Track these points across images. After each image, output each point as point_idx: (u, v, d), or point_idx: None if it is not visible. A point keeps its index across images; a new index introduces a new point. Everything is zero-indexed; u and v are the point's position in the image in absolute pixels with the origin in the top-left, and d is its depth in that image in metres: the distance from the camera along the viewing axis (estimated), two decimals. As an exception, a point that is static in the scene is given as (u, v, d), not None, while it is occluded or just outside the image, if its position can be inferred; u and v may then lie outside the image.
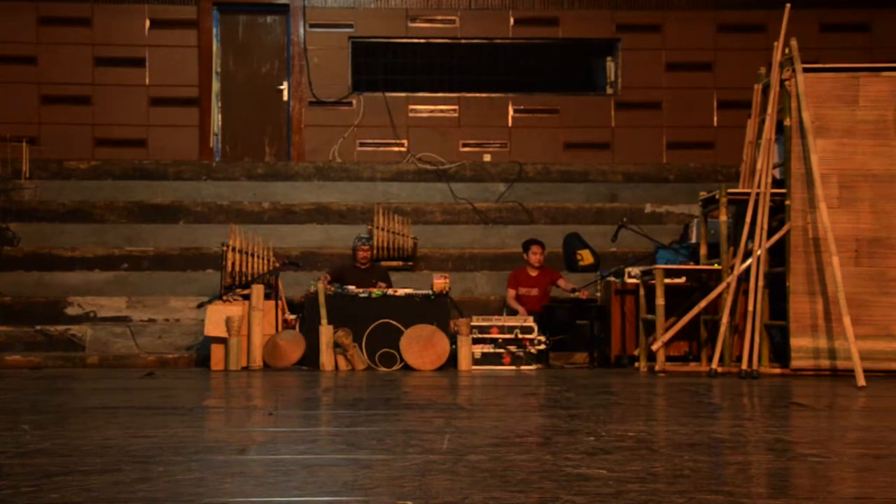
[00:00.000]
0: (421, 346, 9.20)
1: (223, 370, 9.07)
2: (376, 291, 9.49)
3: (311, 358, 9.25)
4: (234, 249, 9.72)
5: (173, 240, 11.73)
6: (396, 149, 13.50)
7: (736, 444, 4.10)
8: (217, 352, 9.21)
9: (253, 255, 9.81)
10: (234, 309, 9.28)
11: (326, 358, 9.14)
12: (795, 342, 8.27)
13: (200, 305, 9.79)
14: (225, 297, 9.46)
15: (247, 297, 9.43)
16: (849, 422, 5.17)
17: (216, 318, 9.20)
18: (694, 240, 10.25)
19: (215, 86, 13.55)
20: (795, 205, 8.41)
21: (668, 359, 8.86)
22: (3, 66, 13.24)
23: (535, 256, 10.31)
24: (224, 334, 9.15)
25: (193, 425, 4.76)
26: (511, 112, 13.65)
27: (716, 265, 8.87)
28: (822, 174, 8.27)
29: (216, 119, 13.58)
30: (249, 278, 9.70)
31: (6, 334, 10.01)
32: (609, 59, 13.88)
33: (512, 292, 10.30)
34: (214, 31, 13.55)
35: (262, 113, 13.67)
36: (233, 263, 9.68)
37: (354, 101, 13.58)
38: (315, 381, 7.92)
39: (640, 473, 3.31)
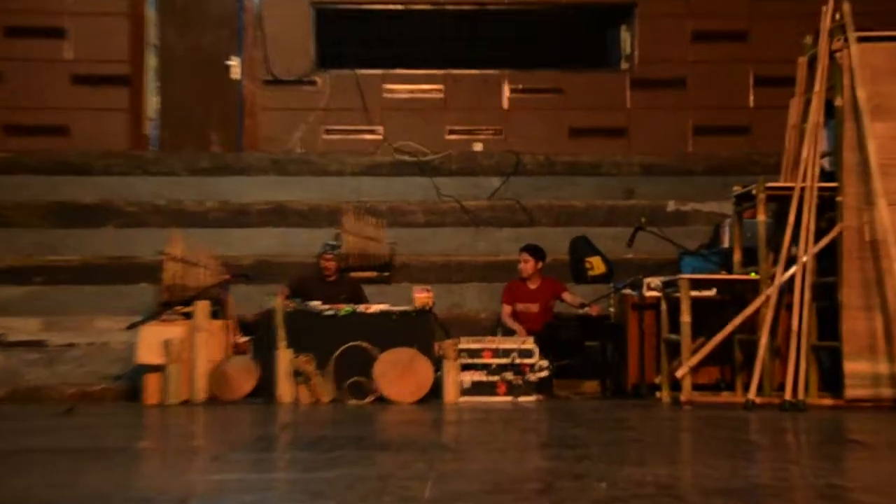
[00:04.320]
0: (398, 374, 9.17)
1: (159, 404, 9.03)
2: (345, 308, 9.46)
3: (266, 389, 9.20)
4: (173, 259, 9.67)
5: (100, 247, 11.67)
6: (370, 137, 13.47)
7: (779, 490, 4.08)
8: (152, 382, 9.16)
9: (197, 266, 9.76)
10: (174, 330, 9.23)
11: (285, 388, 9.11)
12: (850, 367, 8.26)
13: (132, 326, 9.73)
14: (162, 317, 9.41)
15: (189, 316, 9.38)
16: (915, 462, 5.16)
17: (151, 342, 9.16)
18: (726, 244, 10.23)
19: (151, 61, 13.50)
20: (849, 201, 8.40)
21: (696, 387, 8.84)
22: None
23: (521, 265, 10.31)
24: (161, 361, 9.11)
25: (123, 471, 4.72)
26: (507, 92, 13.64)
27: (752, 274, 8.86)
28: (881, 164, 8.27)
29: (152, 101, 13.53)
30: (192, 293, 9.66)
31: None
32: (624, 27, 13.89)
33: (508, 308, 10.28)
34: (149, -5, 13.54)
35: (207, 94, 13.64)
36: (172, 275, 9.63)
37: (319, 80, 13.55)
38: (271, 416, 7.89)
39: (664, 527, 3.28)
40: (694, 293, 8.82)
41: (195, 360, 9.24)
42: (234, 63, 13.60)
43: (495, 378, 9.37)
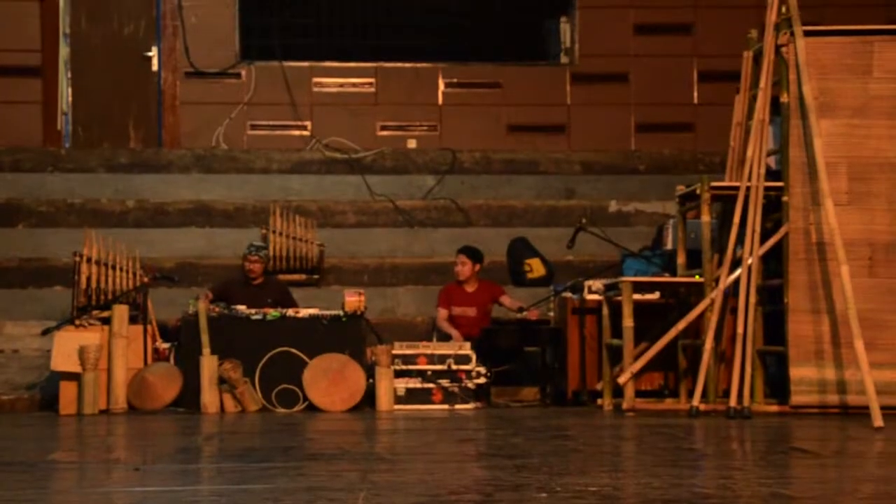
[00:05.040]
0: (329, 382, 9.17)
1: (76, 414, 8.95)
2: (273, 313, 9.44)
3: (189, 397, 9.17)
4: (89, 260, 9.59)
5: (10, 248, 11.54)
6: (297, 132, 13.43)
7: (723, 500, 4.13)
8: (68, 391, 9.08)
9: (114, 268, 9.68)
10: (91, 336, 9.16)
11: (209, 397, 9.08)
12: (796, 372, 8.36)
13: (46, 332, 9.66)
14: (78, 322, 9.34)
15: (107, 321, 9.32)
16: (863, 471, 5.25)
17: (67, 349, 9.08)
18: (669, 245, 10.32)
19: (63, 51, 13.36)
20: (795, 201, 8.51)
21: (639, 394, 8.91)
22: None
23: (458, 268, 10.34)
24: (77, 369, 9.03)
25: (37, 486, 4.69)
26: (441, 86, 13.65)
27: (697, 277, 8.95)
28: (827, 163, 8.37)
29: (65, 94, 13.39)
30: (110, 297, 9.58)
31: None
32: (563, 18, 13.94)
33: (443, 312, 10.30)
34: (62, -19, 13.40)
35: (125, 86, 13.52)
36: (88, 278, 9.55)
37: (244, 72, 13.48)
38: (195, 426, 7.86)
39: (606, 538, 3.33)
40: (636, 296, 8.88)
41: (113, 368, 9.17)
42: (153, 54, 13.50)
43: (431, 385, 9.39)
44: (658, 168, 13.30)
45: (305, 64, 13.59)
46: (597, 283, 9.66)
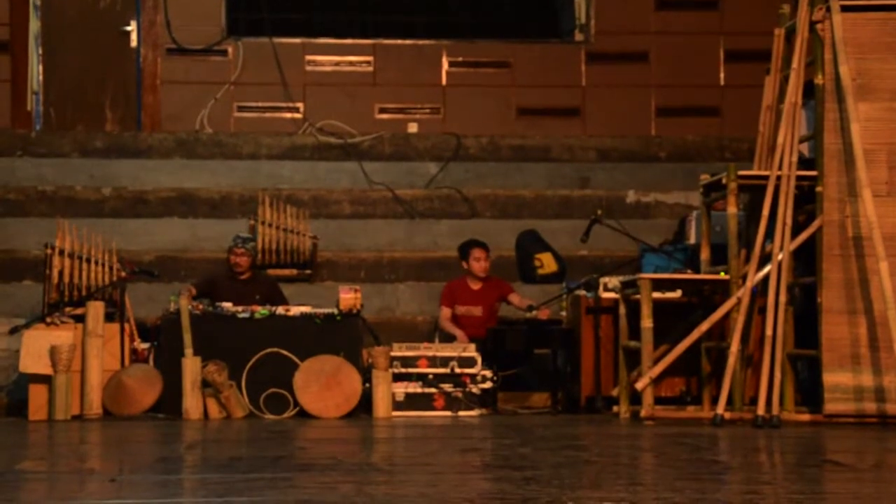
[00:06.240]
0: (322, 386, 9.18)
1: (46, 420, 8.97)
2: (261, 310, 9.44)
3: (170, 402, 9.17)
4: (62, 253, 9.60)
5: (-24, 239, 11.58)
6: (289, 115, 13.43)
7: (751, 515, 4.14)
8: (38, 395, 9.10)
9: (89, 261, 9.69)
10: (63, 335, 9.16)
11: (192, 402, 9.08)
12: (830, 378, 8.35)
13: (14, 331, 9.66)
14: (49, 319, 9.34)
15: (80, 319, 9.33)
16: (902, 485, 5.24)
17: (37, 349, 9.08)
18: (693, 240, 10.31)
19: (34, 25, 13.35)
20: (830, 192, 8.50)
21: (658, 401, 8.92)
22: None
23: (478, 263, 10.32)
24: (48, 370, 9.04)
25: (3, 498, 4.69)
26: (445, 65, 13.65)
27: (722, 274, 8.95)
28: (866, 150, 8.36)
29: (36, 72, 13.39)
30: (84, 293, 9.59)
31: None
32: (578, -8, 13.95)
33: (447, 311, 10.30)
34: (33, -51, 13.42)
35: (101, 64, 13.53)
36: (60, 272, 9.56)
37: (230, 49, 13.49)
38: (176, 433, 7.87)
39: (623, 557, 3.33)
40: (656, 295, 8.88)
41: (87, 370, 9.17)
42: (132, 29, 13.51)
43: (432, 390, 9.39)
44: (680, 155, 13.29)
45: (298, 40, 13.59)
46: (613, 280, 9.65)
